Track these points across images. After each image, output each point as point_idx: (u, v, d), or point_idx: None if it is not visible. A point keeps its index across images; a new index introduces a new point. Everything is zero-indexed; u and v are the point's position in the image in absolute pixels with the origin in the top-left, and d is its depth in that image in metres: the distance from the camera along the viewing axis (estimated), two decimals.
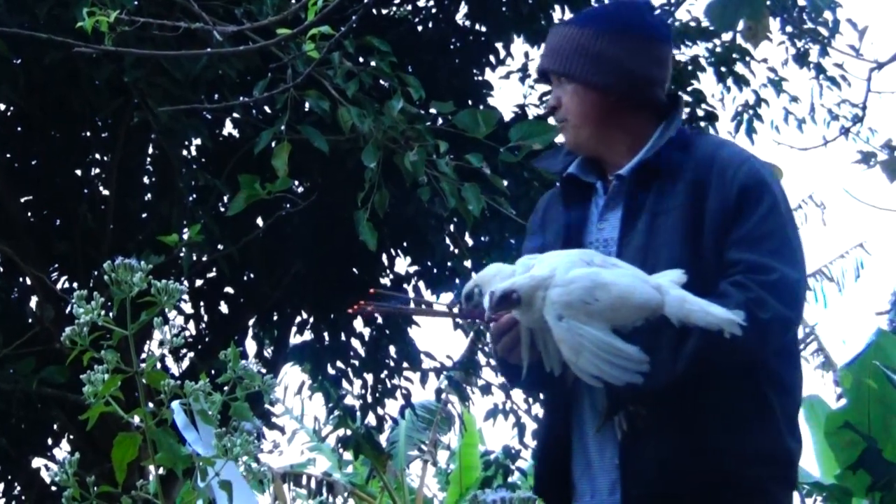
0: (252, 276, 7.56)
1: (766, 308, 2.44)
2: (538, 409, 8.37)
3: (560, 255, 2.50)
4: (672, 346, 2.43)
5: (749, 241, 2.52)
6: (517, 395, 8.50)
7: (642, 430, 2.49)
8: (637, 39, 2.73)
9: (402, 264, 7.91)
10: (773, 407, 2.54)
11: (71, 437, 7.23)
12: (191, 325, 7.61)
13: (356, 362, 7.89)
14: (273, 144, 5.10)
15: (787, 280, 2.50)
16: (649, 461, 2.49)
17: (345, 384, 7.98)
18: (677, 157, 2.64)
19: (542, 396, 2.83)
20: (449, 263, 7.56)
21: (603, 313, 2.38)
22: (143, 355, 6.51)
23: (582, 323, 2.38)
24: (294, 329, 7.91)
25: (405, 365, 8.01)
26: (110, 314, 1.99)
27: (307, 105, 5.50)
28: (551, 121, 7.54)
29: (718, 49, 8.39)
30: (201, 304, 7.61)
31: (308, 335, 7.90)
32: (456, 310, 2.73)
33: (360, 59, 5.78)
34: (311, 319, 7.84)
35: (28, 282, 7.06)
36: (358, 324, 7.84)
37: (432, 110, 5.85)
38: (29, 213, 7.19)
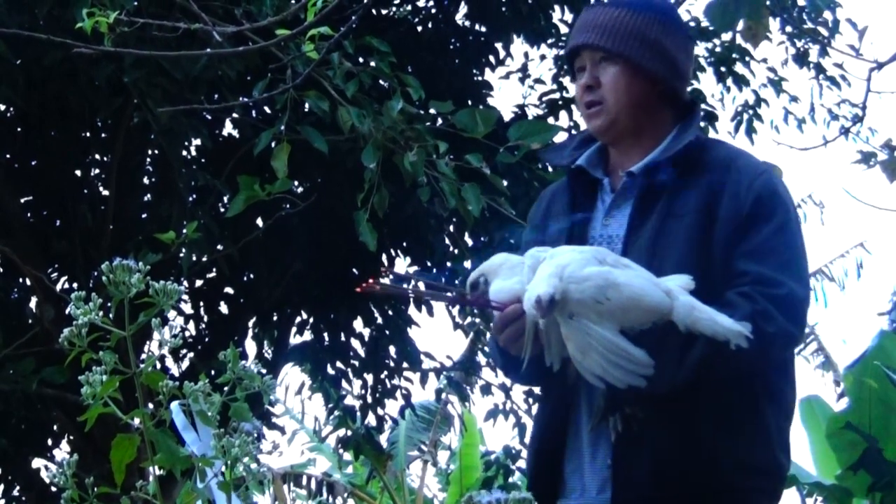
0: (252, 276, 7.56)
1: (772, 322, 2.43)
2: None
3: (573, 250, 2.47)
4: (677, 352, 2.41)
5: (759, 252, 2.50)
6: (517, 395, 8.51)
7: (637, 433, 2.48)
8: (681, 34, 2.74)
9: (402, 264, 7.92)
10: (768, 420, 2.54)
11: (71, 437, 7.23)
12: (191, 325, 7.61)
13: (356, 362, 7.89)
14: (273, 145, 5.10)
15: (794, 296, 2.48)
16: (641, 464, 2.47)
17: (345, 384, 7.98)
18: (692, 161, 2.62)
19: (538, 390, 2.82)
20: (449, 263, 7.56)
21: (613, 314, 2.37)
22: (144, 356, 6.51)
23: (592, 322, 2.36)
24: (294, 329, 7.91)
25: (405, 365, 8.01)
26: (109, 315, 1.99)
27: (307, 105, 5.50)
28: (559, 118, 7.51)
29: (718, 49, 8.38)
30: (201, 304, 7.61)
31: (308, 335, 7.90)
32: (451, 295, 2.72)
33: (360, 60, 5.78)
34: (311, 320, 7.84)
35: (28, 282, 7.06)
36: (358, 324, 7.84)
37: (432, 110, 5.85)
38: (28, 213, 7.19)
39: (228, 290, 7.65)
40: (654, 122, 2.70)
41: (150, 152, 7.34)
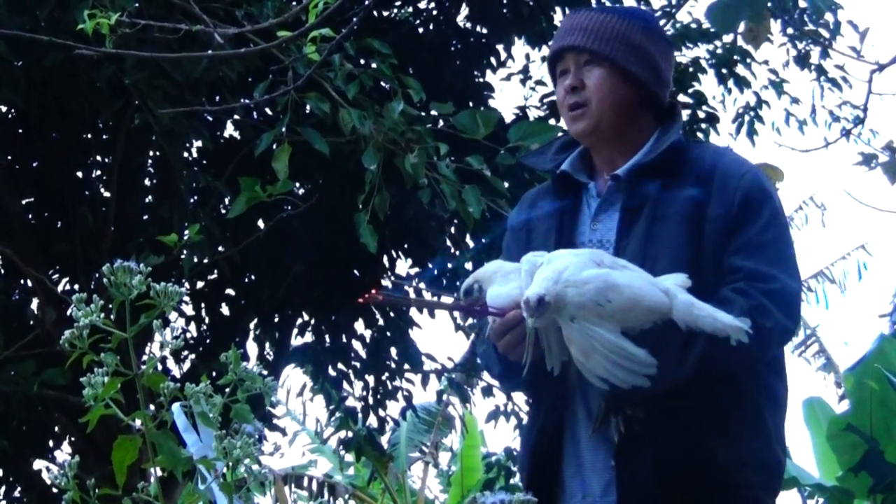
0: (253, 277, 7.56)
1: (768, 316, 2.45)
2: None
3: (570, 254, 2.49)
4: (677, 351, 2.43)
5: (751, 248, 2.53)
6: (519, 396, 8.50)
7: (639, 433, 2.49)
8: (664, 42, 2.79)
9: (403, 266, 7.92)
10: (765, 416, 2.56)
11: (72, 439, 7.23)
12: (192, 327, 7.61)
13: (357, 364, 7.89)
14: (274, 146, 5.10)
15: (788, 290, 2.52)
16: (645, 464, 2.49)
17: (346, 386, 7.98)
18: (677, 162, 2.64)
19: (531, 395, 2.82)
20: (449, 265, 7.56)
21: (614, 315, 2.38)
22: (145, 357, 6.51)
23: (593, 324, 2.37)
24: (295, 331, 7.91)
25: (406, 367, 8.00)
26: (110, 317, 1.99)
27: (308, 107, 5.50)
28: (560, 119, 7.51)
29: (719, 51, 8.39)
30: (202, 305, 7.61)
31: (309, 337, 7.90)
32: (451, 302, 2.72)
33: (361, 61, 5.78)
34: (313, 321, 7.84)
35: (29, 284, 7.06)
36: (359, 325, 7.84)
37: (433, 112, 5.85)
38: (29, 215, 7.19)
39: (230, 291, 7.65)
40: (636, 127, 2.72)
41: (151, 154, 7.34)
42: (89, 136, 7.18)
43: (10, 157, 7.07)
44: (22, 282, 7.20)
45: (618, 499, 2.52)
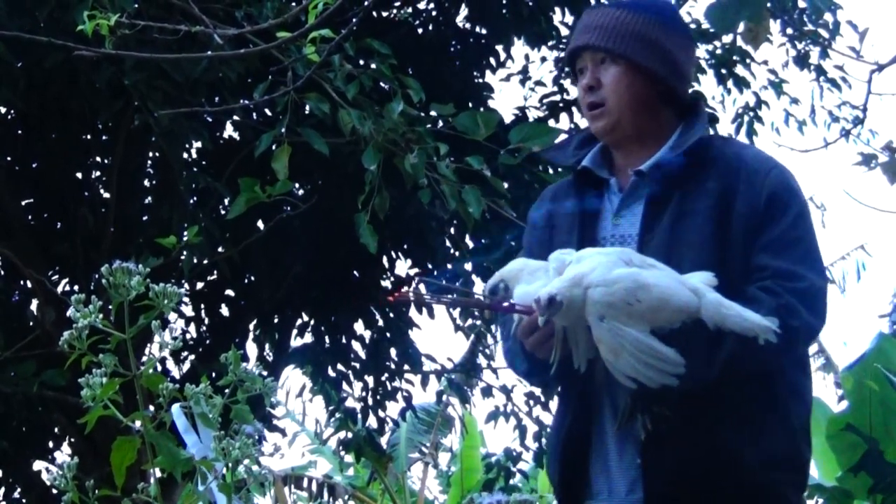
0: (253, 278, 7.56)
1: (796, 315, 2.45)
2: (539, 412, 8.37)
3: (599, 253, 2.48)
4: (706, 350, 2.43)
5: (778, 246, 2.52)
6: (518, 397, 8.50)
7: (666, 432, 2.48)
8: (683, 35, 2.77)
9: (403, 266, 7.92)
10: (790, 413, 2.56)
11: (72, 439, 7.23)
12: (191, 327, 7.61)
13: (357, 365, 7.89)
14: (273, 147, 5.10)
15: (815, 288, 2.52)
16: (671, 461, 2.49)
17: (346, 386, 7.98)
18: (702, 158, 2.63)
19: (558, 393, 2.82)
20: (450, 265, 7.55)
21: (644, 315, 2.39)
22: (144, 358, 6.51)
23: (622, 324, 2.38)
24: (295, 331, 7.91)
25: (406, 367, 8.01)
26: (110, 318, 1.99)
27: (307, 107, 5.50)
28: (560, 120, 7.50)
29: (719, 51, 8.39)
30: (202, 306, 7.61)
31: (309, 338, 7.90)
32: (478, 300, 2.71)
33: (361, 62, 5.78)
34: (312, 322, 7.84)
35: (29, 284, 7.06)
36: (359, 326, 7.84)
37: (432, 113, 5.85)
38: (29, 216, 7.19)
39: (229, 292, 7.65)
40: (656, 123, 2.71)
41: (150, 155, 7.33)
42: (89, 136, 7.18)
43: (9, 158, 7.07)
44: (22, 283, 7.20)
45: (644, 497, 2.52)
